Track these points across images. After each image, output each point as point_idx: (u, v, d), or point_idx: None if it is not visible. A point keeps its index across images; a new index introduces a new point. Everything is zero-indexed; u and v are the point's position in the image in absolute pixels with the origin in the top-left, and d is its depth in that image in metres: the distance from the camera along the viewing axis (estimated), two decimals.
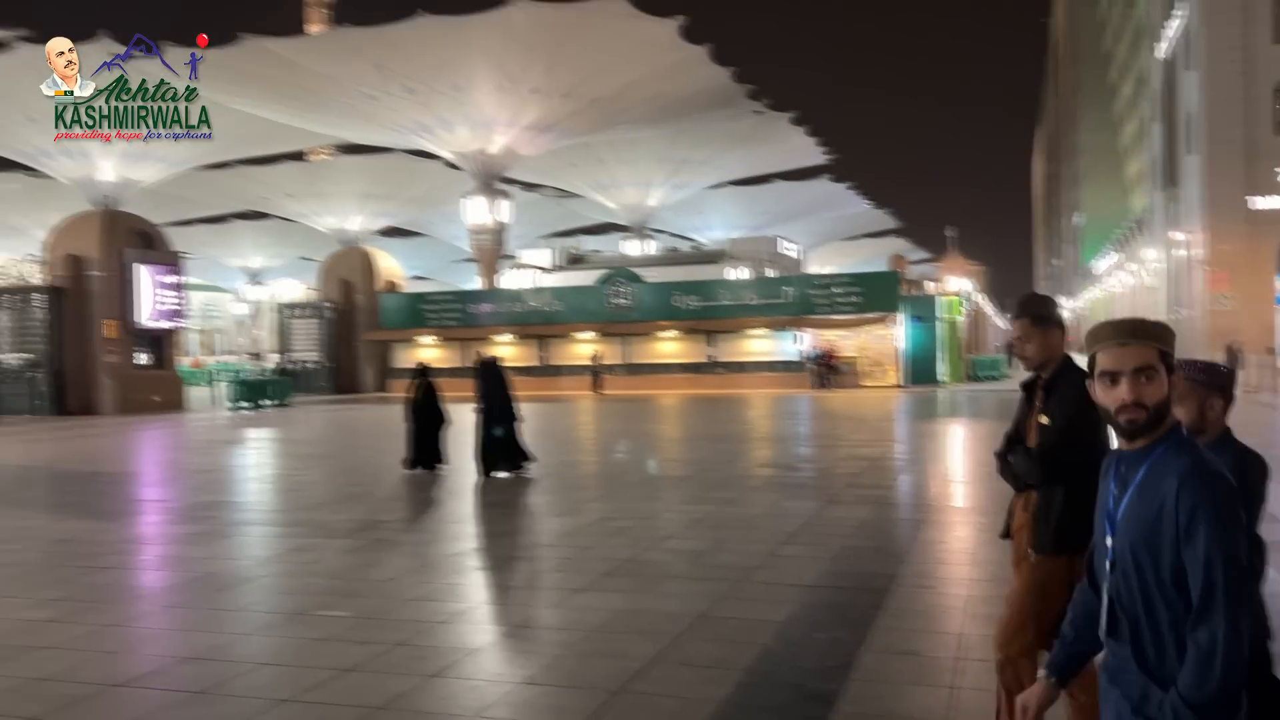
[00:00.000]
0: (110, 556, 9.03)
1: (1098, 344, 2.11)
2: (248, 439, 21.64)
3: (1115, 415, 2.07)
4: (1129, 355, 2.06)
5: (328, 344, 39.67)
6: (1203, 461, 2.02)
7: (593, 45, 33.98)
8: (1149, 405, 2.04)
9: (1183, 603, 1.97)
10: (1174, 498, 1.96)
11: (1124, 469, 2.12)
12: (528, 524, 10.42)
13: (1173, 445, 2.06)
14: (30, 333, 29.10)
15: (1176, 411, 2.86)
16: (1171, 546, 1.96)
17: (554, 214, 65.43)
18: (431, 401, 13.63)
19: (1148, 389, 2.05)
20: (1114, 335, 2.09)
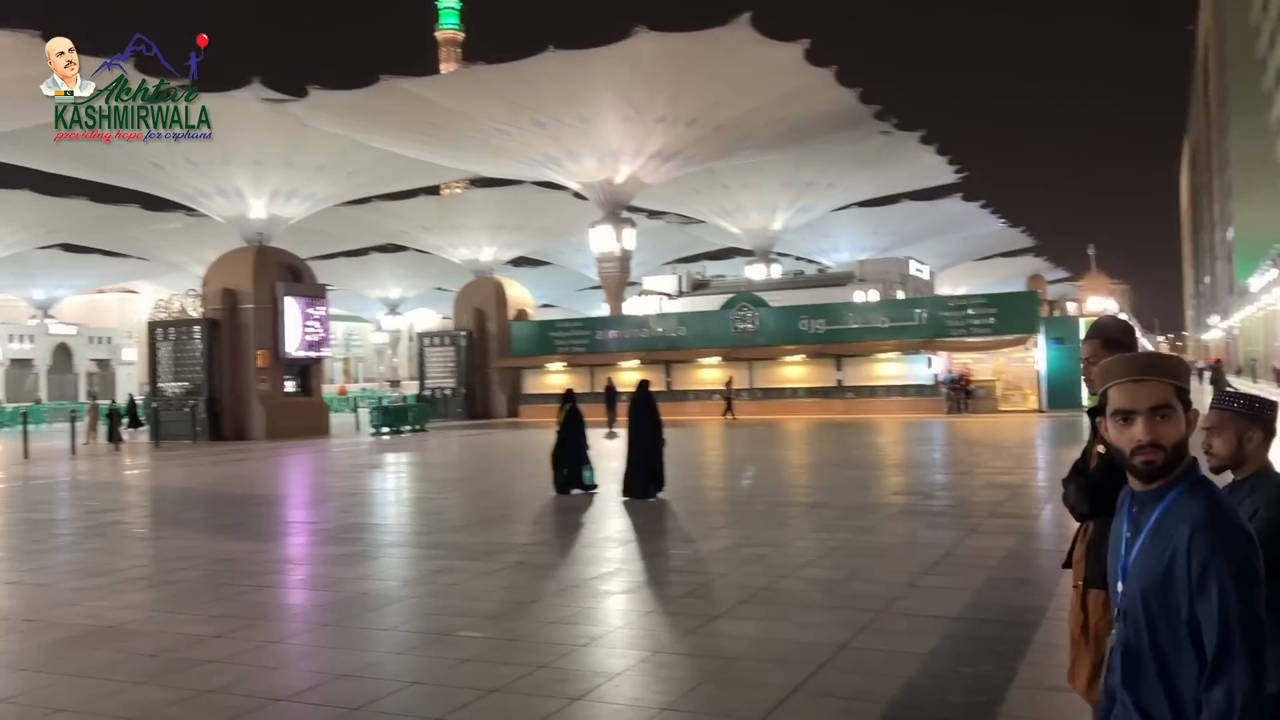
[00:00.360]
0: (266, 575, 9.52)
1: (1110, 381, 1.99)
2: (389, 463, 22.44)
3: (1131, 456, 1.95)
4: (1144, 393, 1.94)
5: (462, 371, 40.85)
6: (1218, 508, 1.88)
7: (717, 73, 34.17)
8: (1166, 445, 1.92)
9: (1198, 659, 1.84)
10: (1186, 547, 1.85)
11: (1136, 510, 2.00)
12: (662, 549, 10.46)
13: (1188, 488, 1.94)
14: (189, 363, 30.98)
15: (1214, 443, 2.68)
16: (1185, 598, 1.84)
17: (678, 240, 65.86)
18: (577, 426, 13.96)
19: (1164, 428, 1.93)
20: (1127, 371, 1.97)
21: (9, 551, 11.13)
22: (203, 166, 41.99)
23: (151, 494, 17.86)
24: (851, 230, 63.33)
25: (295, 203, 45.46)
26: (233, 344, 30.67)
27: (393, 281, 75.67)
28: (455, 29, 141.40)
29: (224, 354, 30.49)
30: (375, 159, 42.89)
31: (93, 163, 42.21)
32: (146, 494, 17.91)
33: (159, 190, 45.34)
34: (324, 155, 42.41)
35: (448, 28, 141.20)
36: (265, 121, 38.61)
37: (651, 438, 13.08)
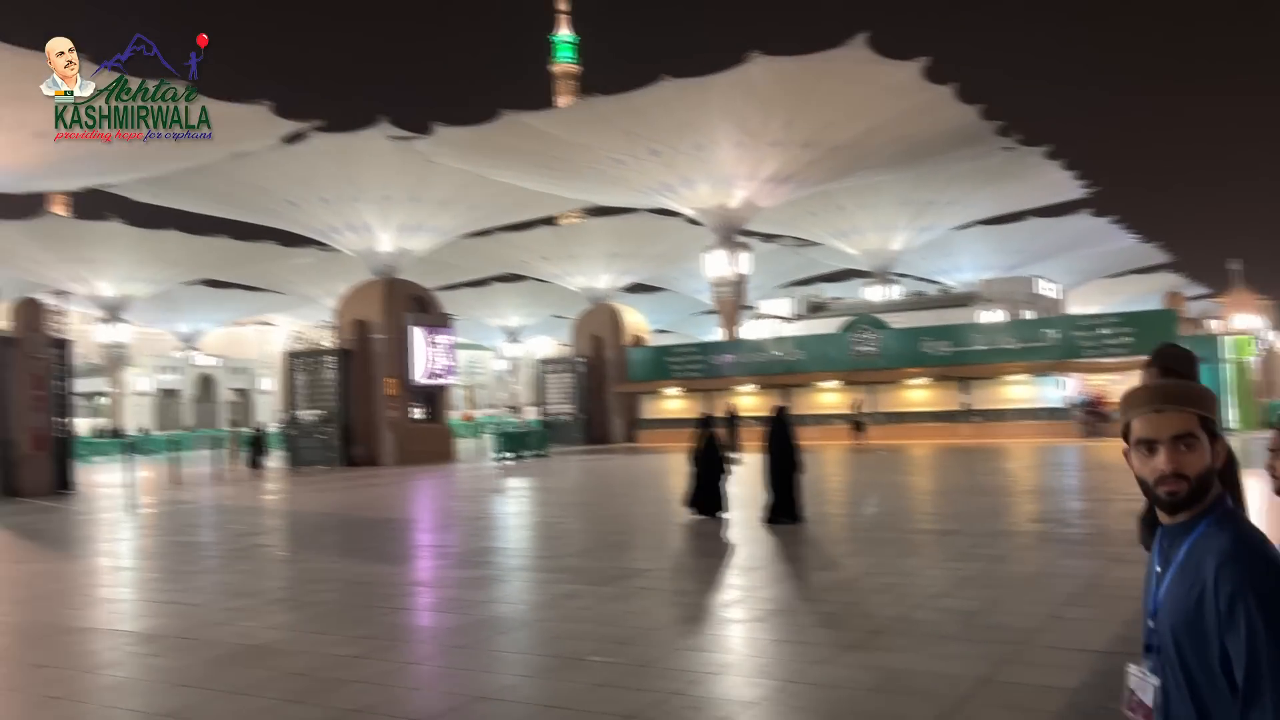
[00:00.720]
0: (402, 598, 9.82)
1: (1133, 410, 1.95)
2: (512, 488, 22.87)
3: (1154, 487, 1.92)
4: (1166, 422, 1.90)
5: (580, 397, 41.39)
6: (1246, 540, 1.84)
7: (832, 94, 33.92)
8: (1190, 476, 1.88)
9: (1231, 692, 1.79)
10: (1213, 580, 1.80)
11: (1166, 544, 1.96)
12: (790, 576, 10.34)
13: (1216, 520, 1.89)
14: (322, 391, 32.30)
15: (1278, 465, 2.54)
16: (1215, 631, 1.79)
17: (793, 263, 65.34)
18: (713, 451, 14.03)
19: (1188, 458, 1.89)
20: (1150, 401, 1.94)
21: (166, 573, 11.79)
22: (334, 203, 43.95)
23: (290, 518, 18.65)
24: (974, 249, 61.65)
25: (421, 236, 47.09)
26: (364, 373, 31.83)
27: (512, 310, 77.35)
28: (571, 62, 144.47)
29: (356, 382, 31.65)
30: (496, 192, 44.09)
31: (233, 202, 44.71)
32: (286, 518, 18.71)
33: (294, 227, 47.65)
34: (447, 190, 43.83)
35: (563, 61, 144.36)
36: (392, 159, 40.19)
37: (790, 463, 13.08)
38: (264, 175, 40.64)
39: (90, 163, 35.33)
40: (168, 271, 55.76)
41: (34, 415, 23.30)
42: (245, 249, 54.41)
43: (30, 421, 23.24)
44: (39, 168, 34.14)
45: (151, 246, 52.07)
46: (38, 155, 32.45)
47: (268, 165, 39.50)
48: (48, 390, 23.68)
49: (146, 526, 17.26)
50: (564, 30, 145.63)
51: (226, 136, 35.77)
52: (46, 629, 8.68)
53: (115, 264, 53.18)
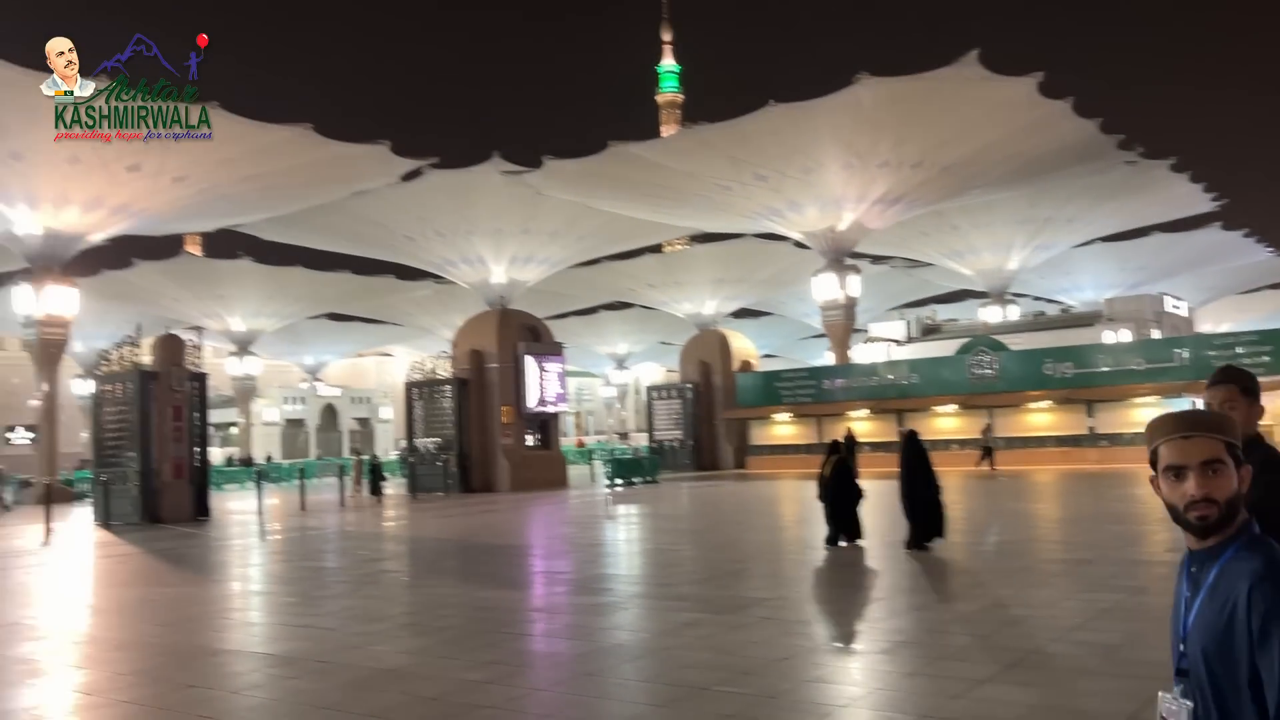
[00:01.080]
0: (524, 624, 9.96)
1: (1160, 437, 2.03)
2: (626, 515, 22.97)
3: (1184, 512, 1.97)
4: (1194, 448, 1.97)
5: (689, 423, 41.36)
6: (1277, 562, 1.88)
7: (943, 113, 33.33)
8: (1219, 500, 1.94)
9: (1262, 715, 1.83)
10: (1245, 602, 1.84)
11: (1195, 569, 2.01)
12: (917, 606, 10.08)
13: (1245, 544, 1.94)
14: (439, 419, 33.10)
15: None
16: (1246, 655, 1.83)
17: (904, 284, 64.19)
18: (846, 476, 13.86)
19: (1216, 483, 1.95)
20: (1177, 428, 2.01)
21: (300, 597, 12.24)
22: (449, 237, 45.36)
23: (412, 544, 19.14)
24: (1096, 267, 59.42)
25: (532, 267, 48.13)
26: (480, 401, 32.53)
27: (620, 337, 78.06)
28: (675, 92, 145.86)
29: (472, 411, 32.36)
30: (603, 222, 44.76)
31: (354, 239, 46.56)
32: (408, 544, 19.20)
33: (411, 261, 49.30)
34: (557, 221, 44.71)
35: (668, 91, 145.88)
36: (504, 192, 41.25)
37: (926, 488, 12.85)
38: (383, 212, 42.22)
39: (222, 204, 37.36)
40: (293, 306, 58.33)
41: (174, 445, 24.58)
42: (366, 283, 56.54)
43: (170, 451, 24.52)
44: (176, 211, 36.26)
45: (278, 283, 54.59)
46: (175, 199, 34.50)
47: (386, 202, 41.03)
48: (186, 421, 24.96)
49: (277, 552, 17.97)
50: (668, 60, 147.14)
51: (348, 176, 37.47)
52: (192, 650, 9.10)
53: (245, 300, 55.93)
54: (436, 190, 40.89)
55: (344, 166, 36.51)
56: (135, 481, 24.14)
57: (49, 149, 30.25)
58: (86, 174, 31.36)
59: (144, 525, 23.26)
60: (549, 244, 47.00)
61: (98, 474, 25.87)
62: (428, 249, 46.43)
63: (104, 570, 16.40)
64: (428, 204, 42.26)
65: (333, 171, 36.53)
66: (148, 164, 31.72)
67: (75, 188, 31.87)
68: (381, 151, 35.75)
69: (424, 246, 46.16)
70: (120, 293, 50.16)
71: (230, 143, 32.17)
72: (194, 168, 32.69)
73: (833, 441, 14.87)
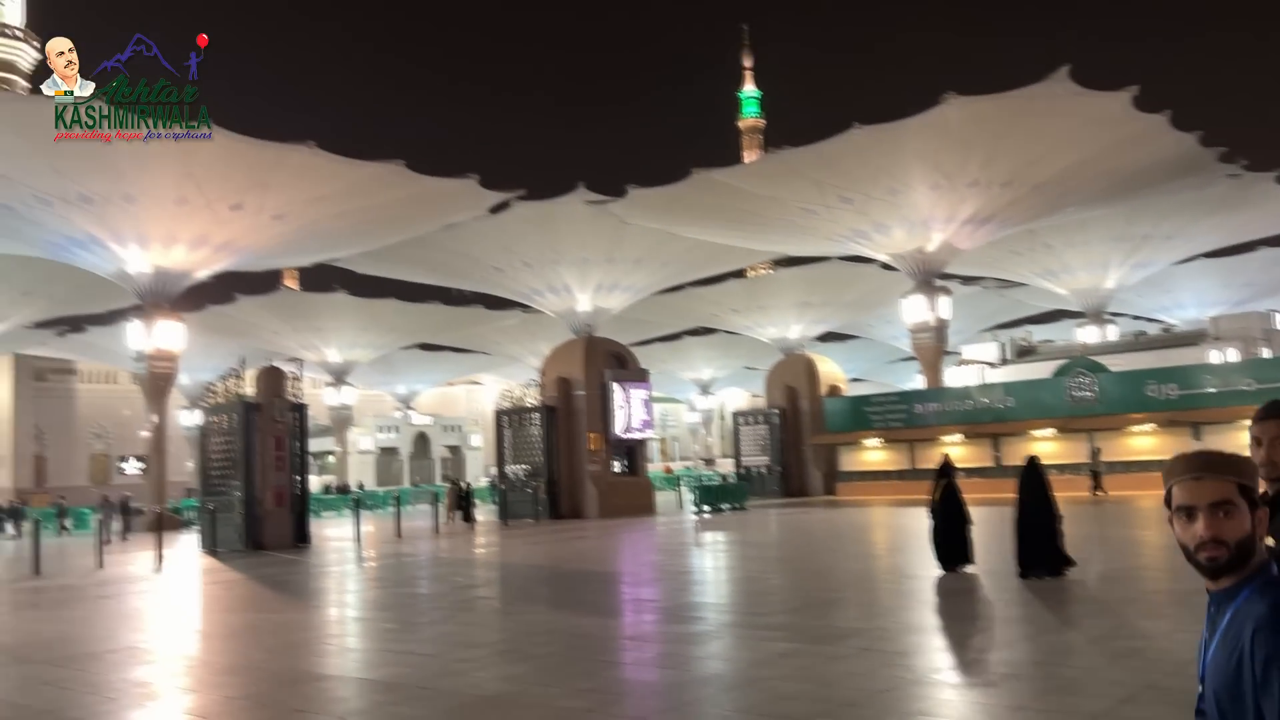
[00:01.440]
0: (620, 651, 9.98)
1: (1173, 478, 2.05)
2: (715, 542, 22.86)
3: (1195, 553, 1.99)
4: (1205, 489, 1.99)
5: (776, 449, 41.00)
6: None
7: (1034, 131, 32.65)
8: (1229, 541, 1.96)
9: None
10: (1249, 646, 1.86)
11: (1213, 611, 2.03)
12: (1023, 637, 9.81)
13: (1258, 588, 1.94)
14: (528, 446, 33.45)
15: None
16: (1252, 696, 1.85)
17: (996, 305, 62.74)
18: (953, 500, 13.68)
19: (1227, 525, 1.96)
20: (1188, 469, 2.03)
21: (400, 624, 12.48)
22: (536, 267, 46.08)
23: (504, 570, 19.37)
24: (1198, 284, 57.23)
25: (616, 294, 48.55)
26: (567, 428, 32.82)
27: (704, 363, 77.97)
28: (757, 117, 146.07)
29: (560, 438, 32.66)
30: (686, 248, 44.92)
31: (444, 270, 47.65)
32: (500, 570, 19.44)
33: (499, 291, 50.20)
34: (641, 249, 45.04)
35: (749, 116, 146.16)
36: (589, 222, 41.77)
37: (1046, 513, 12.56)
38: (472, 244, 43.15)
39: (319, 240, 38.69)
40: (386, 337, 59.88)
41: (275, 474, 25.38)
42: (455, 314, 57.77)
43: (272, 480, 25.32)
44: (276, 247, 37.66)
45: (372, 314, 56.14)
46: (275, 236, 35.84)
47: (475, 234, 41.93)
48: (287, 451, 25.76)
49: (375, 578, 18.37)
50: (749, 86, 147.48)
51: (438, 209, 38.46)
52: (299, 675, 9.37)
53: (341, 332, 57.67)
54: (523, 221, 41.63)
55: (434, 201, 37.48)
56: (239, 509, 24.97)
57: (159, 192, 31.84)
58: (192, 214, 32.80)
59: (247, 552, 24.03)
60: (633, 271, 47.36)
61: (204, 502, 26.85)
62: (515, 279, 47.23)
63: (211, 596, 16.99)
64: (515, 235, 43.04)
65: (424, 206, 37.54)
66: (249, 202, 33.07)
67: (182, 227, 33.35)
68: (470, 185, 36.61)
69: (511, 276, 46.97)
70: (223, 327, 52.17)
71: (326, 180, 33.38)
72: (292, 205, 33.95)
73: (942, 466, 14.69)
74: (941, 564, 13.55)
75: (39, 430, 67.66)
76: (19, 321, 47.47)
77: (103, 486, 59.64)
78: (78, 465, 69.28)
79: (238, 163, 31.58)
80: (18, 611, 15.65)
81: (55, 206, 31.41)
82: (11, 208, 31.29)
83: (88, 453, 70.24)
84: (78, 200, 31.26)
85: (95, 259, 34.62)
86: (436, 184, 36.11)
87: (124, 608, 15.31)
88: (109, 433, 70.24)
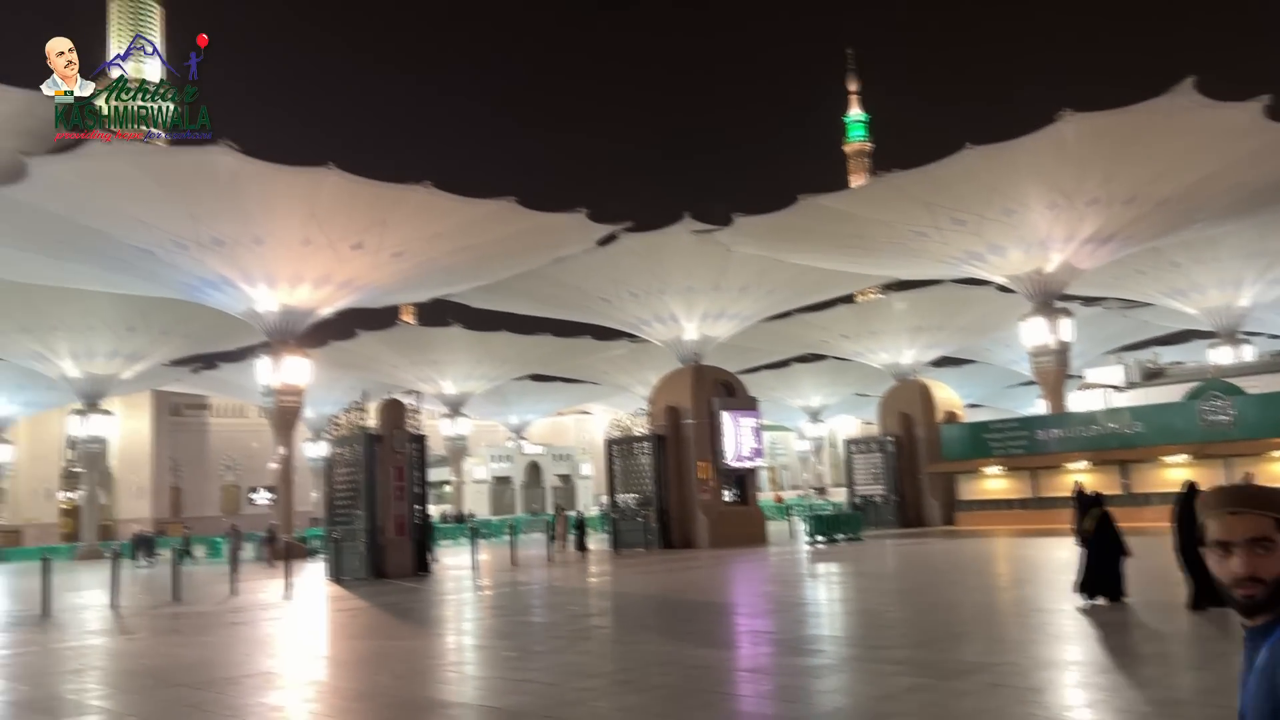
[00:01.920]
0: (741, 684, 9.91)
1: (1208, 513, 2.02)
2: (831, 573, 22.48)
3: (1231, 590, 1.96)
4: (1240, 525, 1.96)
5: (891, 477, 40.14)
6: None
7: (1157, 145, 31.40)
8: (1266, 579, 1.92)
9: None
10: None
11: (1250, 648, 1.98)
12: (1159, 678, 9.34)
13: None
14: (637, 475, 33.59)
15: None
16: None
17: (1120, 326, 60.26)
18: (1108, 529, 13.34)
19: (1263, 561, 1.93)
20: (1224, 504, 2.00)
21: (520, 652, 12.67)
22: (643, 297, 46.48)
23: (618, 599, 19.45)
24: None
25: (723, 322, 48.54)
26: (677, 457, 32.85)
27: (813, 389, 77.05)
28: (863, 141, 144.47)
29: (670, 467, 32.70)
30: (793, 275, 44.64)
31: (554, 303, 48.54)
32: (614, 599, 19.53)
33: (607, 322, 50.81)
34: (747, 276, 44.98)
35: (856, 140, 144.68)
36: (695, 251, 41.97)
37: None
38: (580, 276, 43.87)
39: (435, 276, 39.95)
40: (499, 369, 61.20)
41: (397, 504, 26.13)
42: (564, 345, 58.70)
43: (393, 509, 26.07)
44: (395, 284, 39.00)
45: (486, 347, 57.52)
46: (394, 273, 37.13)
47: (583, 267, 42.62)
48: (408, 481, 26.50)
49: (493, 606, 18.69)
50: (855, 110, 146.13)
51: (548, 243, 39.27)
52: (426, 703, 9.60)
53: (456, 364, 59.24)
54: (630, 253, 42.11)
55: (545, 235, 38.28)
56: (363, 538, 25.76)
57: (285, 233, 33.42)
58: (316, 254, 34.29)
59: (371, 580, 24.75)
60: (740, 299, 47.31)
61: (330, 531, 27.78)
62: (622, 309, 47.73)
63: (339, 623, 17.55)
64: (622, 266, 43.57)
65: (534, 240, 38.37)
66: (369, 241, 34.39)
67: (307, 267, 34.88)
68: (579, 219, 37.31)
69: (619, 307, 47.49)
70: (345, 361, 54.17)
71: (441, 218, 34.49)
72: (410, 243, 35.17)
73: (1094, 494, 14.36)
74: (1089, 594, 13.18)
75: (175, 463, 71.31)
76: (158, 360, 50.24)
77: (233, 516, 62.45)
78: (210, 496, 72.69)
79: (358, 203, 32.95)
80: (162, 636, 16.48)
81: (190, 250, 33.27)
82: (152, 252, 33.27)
83: (219, 484, 73.63)
84: (211, 243, 33.04)
85: (226, 299, 36.46)
86: (546, 219, 36.90)
87: (257, 634, 15.95)
88: (239, 464, 73.52)
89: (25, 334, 45.06)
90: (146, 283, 37.42)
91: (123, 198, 30.70)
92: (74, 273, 37.11)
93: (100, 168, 29.06)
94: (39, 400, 55.95)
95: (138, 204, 31.03)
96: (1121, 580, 13.22)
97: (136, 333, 46.17)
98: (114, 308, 43.49)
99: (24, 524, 64.80)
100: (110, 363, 47.72)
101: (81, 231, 32.02)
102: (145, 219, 31.79)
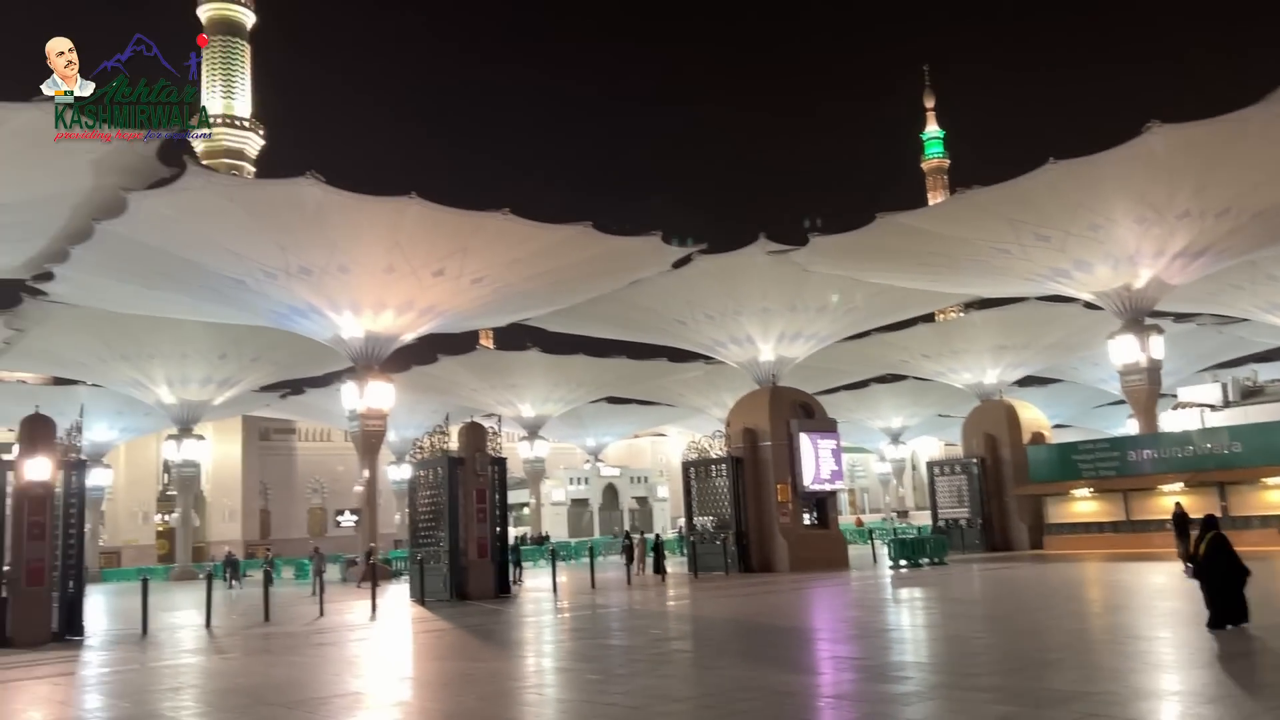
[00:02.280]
0: (827, 710, 9.74)
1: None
2: (916, 598, 22.02)
3: None
4: None
5: (976, 500, 39.23)
6: None
7: (1251, 155, 30.28)
8: None
9: None
10: None
11: None
12: (1265, 711, 8.92)
13: None
14: (714, 498, 33.39)
15: None
16: None
17: (1216, 343, 58.07)
18: (1224, 552, 12.94)
19: None
20: None
21: (603, 675, 12.67)
22: (718, 319, 46.40)
23: (698, 623, 19.31)
24: None
25: (800, 343, 48.14)
26: (755, 479, 32.58)
27: (893, 411, 75.84)
28: (941, 157, 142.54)
29: (748, 489, 32.45)
30: (871, 294, 44.08)
31: (629, 326, 48.78)
32: (694, 623, 19.40)
33: (682, 344, 50.83)
34: (824, 296, 44.58)
35: (933, 157, 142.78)
36: (770, 272, 41.78)
37: None
38: (655, 299, 44.01)
39: (514, 301, 40.52)
40: (576, 392, 61.66)
41: (478, 526, 26.42)
42: (640, 367, 58.90)
43: (475, 531, 26.37)
44: (475, 309, 39.68)
45: (563, 370, 58.05)
46: (474, 299, 37.79)
47: (658, 289, 42.76)
48: (489, 503, 26.80)
49: (574, 629, 18.74)
50: (932, 127, 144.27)
51: (624, 267, 39.55)
52: None
53: (534, 387, 59.89)
54: (705, 275, 42.11)
55: (620, 259, 38.56)
56: (445, 560, 26.09)
57: (370, 261, 34.28)
58: (399, 281, 35.09)
59: (453, 601, 25.04)
60: (816, 319, 46.88)
61: (413, 553, 28.21)
62: (697, 331, 47.70)
63: (423, 644, 17.79)
64: (696, 288, 43.58)
65: (610, 264, 38.68)
66: (450, 268, 35.07)
67: (391, 294, 35.71)
68: (654, 242, 37.51)
69: (694, 329, 47.49)
70: (426, 385, 55.17)
71: (519, 244, 34.99)
72: (489, 269, 35.75)
73: (1208, 516, 13.93)
74: (1216, 620, 12.82)
75: (264, 486, 73.37)
76: (248, 386, 51.89)
77: (319, 539, 63.90)
78: (297, 518, 74.55)
79: (440, 231, 33.65)
80: (254, 656, 16.91)
81: (279, 279, 34.34)
82: (243, 282, 34.43)
83: (306, 506, 75.48)
84: (299, 272, 34.06)
85: (313, 326, 37.50)
86: (622, 243, 37.17)
87: (345, 654, 16.26)
88: (325, 487, 75.32)
89: (124, 362, 46.97)
90: (238, 311, 38.72)
91: (216, 229, 31.88)
92: (170, 302, 38.63)
93: (195, 201, 30.24)
94: (136, 426, 58.16)
95: (230, 235, 32.19)
96: (1243, 604, 12.82)
97: (228, 360, 47.80)
98: (207, 336, 45.12)
99: (123, 545, 67.31)
100: (203, 389, 49.45)
101: (177, 263, 33.33)
102: (237, 249, 32.95)
